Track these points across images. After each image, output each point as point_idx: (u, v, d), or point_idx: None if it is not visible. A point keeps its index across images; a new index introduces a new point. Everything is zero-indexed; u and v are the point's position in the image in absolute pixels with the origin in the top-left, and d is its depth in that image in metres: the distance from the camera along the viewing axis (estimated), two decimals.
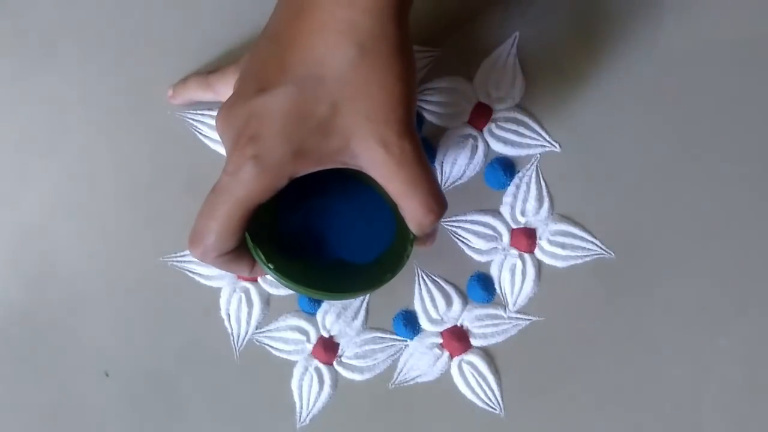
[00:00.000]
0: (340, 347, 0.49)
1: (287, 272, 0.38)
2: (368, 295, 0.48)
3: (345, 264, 0.40)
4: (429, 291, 0.49)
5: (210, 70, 0.46)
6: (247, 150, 0.35)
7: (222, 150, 0.49)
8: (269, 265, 0.37)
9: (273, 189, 0.35)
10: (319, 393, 0.48)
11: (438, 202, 0.37)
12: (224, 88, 0.44)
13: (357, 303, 0.49)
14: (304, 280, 0.38)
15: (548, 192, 0.49)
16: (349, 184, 0.40)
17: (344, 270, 0.40)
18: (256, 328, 0.49)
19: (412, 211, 0.37)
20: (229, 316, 0.48)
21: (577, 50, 0.49)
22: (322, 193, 0.40)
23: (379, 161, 0.35)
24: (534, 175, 0.49)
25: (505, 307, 0.49)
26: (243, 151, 0.35)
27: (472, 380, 0.48)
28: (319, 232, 0.40)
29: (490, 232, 0.49)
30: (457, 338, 0.48)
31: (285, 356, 0.48)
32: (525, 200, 0.49)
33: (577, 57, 0.49)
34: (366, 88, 0.35)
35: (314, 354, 0.48)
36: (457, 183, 0.49)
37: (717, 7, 0.49)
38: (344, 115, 0.35)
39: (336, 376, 0.49)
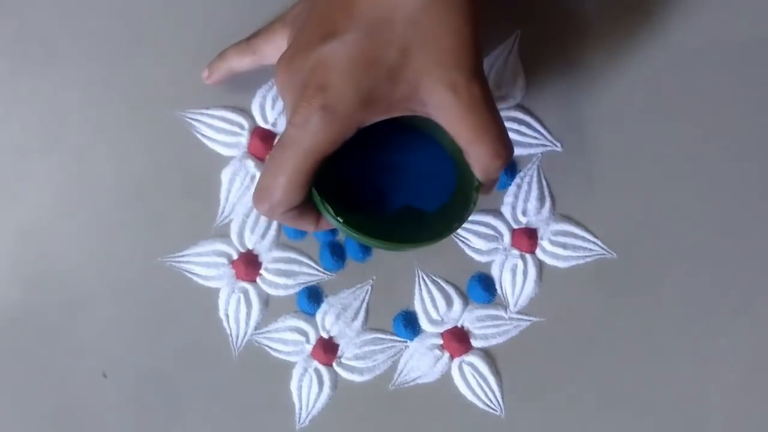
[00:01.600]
0: (340, 348, 0.48)
1: (357, 225, 0.37)
2: (367, 296, 0.48)
3: (410, 215, 0.39)
4: (429, 291, 0.48)
5: (249, 39, 0.45)
6: (315, 100, 0.34)
7: (221, 149, 0.48)
8: (338, 218, 0.37)
9: (342, 139, 0.35)
10: (318, 394, 0.48)
11: (506, 146, 0.36)
12: (270, 49, 0.43)
13: (357, 303, 0.48)
14: (374, 232, 0.38)
15: (550, 192, 0.49)
16: (408, 135, 0.39)
17: (410, 221, 0.39)
18: (255, 329, 0.48)
19: (480, 156, 0.36)
20: (227, 316, 0.48)
21: (579, 49, 0.49)
22: (382, 144, 0.39)
23: (448, 106, 0.35)
24: (535, 175, 0.49)
25: (505, 307, 0.49)
26: (311, 101, 0.34)
27: (473, 381, 0.48)
28: (381, 184, 0.40)
29: (491, 232, 0.49)
30: (458, 339, 0.48)
31: (284, 357, 0.48)
32: (526, 200, 0.49)
33: (579, 56, 0.49)
34: (436, 32, 0.34)
35: (314, 355, 0.48)
36: None
37: (719, 7, 0.49)
38: (414, 59, 0.34)
39: (336, 377, 0.48)
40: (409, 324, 0.48)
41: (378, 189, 0.40)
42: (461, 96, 0.34)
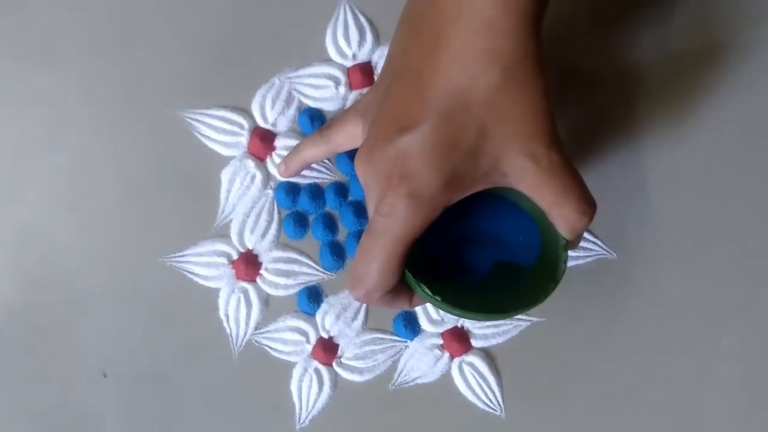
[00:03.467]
0: (340, 348, 0.48)
1: (455, 301, 0.38)
2: None
3: (500, 281, 0.40)
4: None
5: (321, 129, 0.46)
6: (401, 189, 0.35)
7: (221, 149, 0.48)
8: (436, 297, 0.37)
9: (429, 222, 0.36)
10: (318, 394, 0.48)
11: (590, 204, 0.37)
12: (343, 138, 0.44)
13: (356, 304, 0.48)
14: (472, 305, 0.38)
15: None
16: (488, 201, 0.39)
17: (503, 288, 0.39)
18: (255, 329, 0.48)
19: (566, 217, 0.37)
20: (228, 316, 0.48)
21: (577, 50, 0.49)
22: (463, 213, 0.39)
23: (529, 175, 0.36)
24: None
25: None
26: (396, 190, 0.35)
27: (473, 381, 0.48)
28: (467, 252, 0.40)
29: None
30: (458, 339, 0.48)
31: (284, 357, 0.48)
32: None
33: (577, 57, 0.49)
34: (511, 108, 0.35)
35: (314, 355, 0.48)
36: None
37: (720, 8, 0.49)
38: (492, 137, 0.35)
39: (336, 377, 0.48)
40: (409, 324, 0.48)
41: (467, 255, 0.40)
42: (541, 164, 0.35)
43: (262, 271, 0.48)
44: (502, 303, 0.38)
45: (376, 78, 0.49)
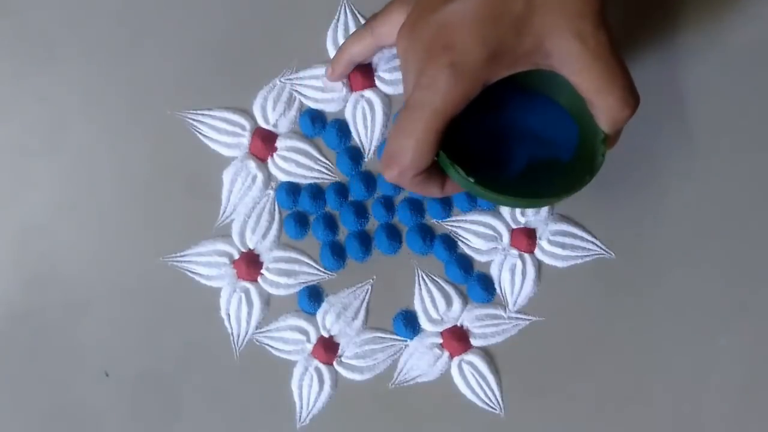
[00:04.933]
0: (340, 347, 0.49)
1: (488, 184, 0.37)
2: (367, 295, 0.49)
3: (535, 176, 0.39)
4: (429, 291, 0.49)
5: (365, 23, 0.44)
6: (442, 59, 0.34)
7: (223, 150, 0.49)
8: (470, 178, 0.36)
9: (469, 97, 0.34)
10: (319, 393, 0.48)
11: (634, 95, 0.36)
12: (389, 29, 0.42)
13: (357, 303, 0.49)
14: (506, 189, 0.37)
15: None
16: (525, 96, 0.38)
17: (538, 176, 0.38)
18: (256, 328, 0.49)
19: (608, 106, 0.36)
20: (229, 315, 0.48)
21: None
22: (499, 107, 0.38)
23: (574, 55, 0.34)
24: None
25: (505, 307, 0.49)
26: (437, 60, 0.34)
27: (472, 380, 0.48)
28: (503, 146, 0.39)
29: (490, 232, 0.49)
30: (457, 338, 0.48)
31: (285, 356, 0.49)
32: None
33: None
34: None
35: (314, 354, 0.48)
36: None
37: (722, 10, 0.49)
38: (539, 10, 0.34)
39: (336, 376, 0.49)
40: (408, 323, 0.48)
41: (501, 151, 0.39)
42: (588, 44, 0.34)
43: (263, 271, 0.49)
44: (538, 190, 0.37)
45: (376, 79, 0.49)
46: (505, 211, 0.49)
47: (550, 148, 0.39)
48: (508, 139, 0.39)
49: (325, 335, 0.49)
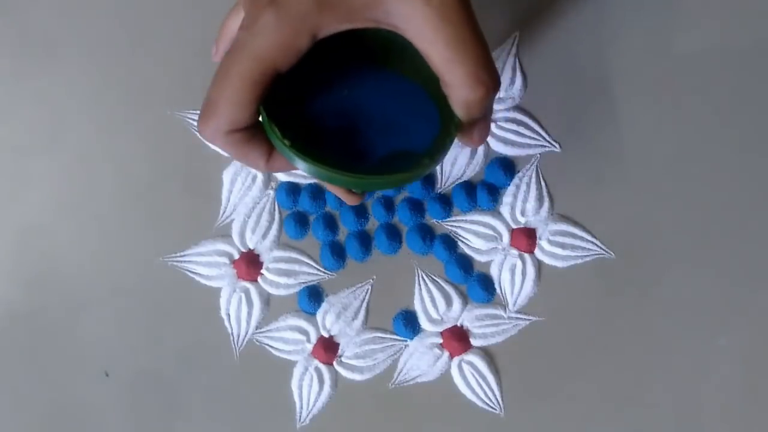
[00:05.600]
0: (340, 347, 0.49)
1: (308, 151, 0.32)
2: (367, 295, 0.48)
3: (390, 162, 0.34)
4: (429, 291, 0.49)
5: None
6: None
7: (222, 151, 0.48)
8: (285, 141, 0.32)
9: (293, 47, 0.31)
10: (319, 393, 0.48)
11: (489, 71, 0.31)
12: None
13: (357, 303, 0.49)
14: (323, 159, 0.32)
15: (548, 192, 0.49)
16: (385, 75, 0.35)
17: (377, 158, 0.34)
18: (256, 328, 0.49)
19: (458, 81, 0.31)
20: (229, 316, 0.48)
21: (578, 50, 0.49)
22: (353, 83, 0.35)
23: (417, 16, 0.30)
24: (534, 175, 0.49)
25: (505, 307, 0.49)
26: (261, 1, 0.31)
27: (472, 380, 0.48)
28: (357, 132, 0.35)
29: (490, 232, 0.49)
30: (457, 338, 0.48)
31: (285, 356, 0.49)
32: (525, 200, 0.49)
33: (577, 56, 0.49)
34: None
35: (314, 354, 0.48)
36: (457, 183, 0.49)
37: (720, 12, 0.50)
38: None
39: (336, 376, 0.49)
40: (408, 323, 0.48)
41: (356, 139, 0.35)
42: (433, 4, 0.30)
43: (263, 271, 0.49)
44: (370, 167, 0.33)
45: None
46: (505, 211, 0.49)
47: (407, 139, 0.34)
48: (364, 126, 0.35)
49: (325, 335, 0.49)
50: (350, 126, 0.35)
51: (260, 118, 0.33)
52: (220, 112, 0.32)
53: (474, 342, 0.49)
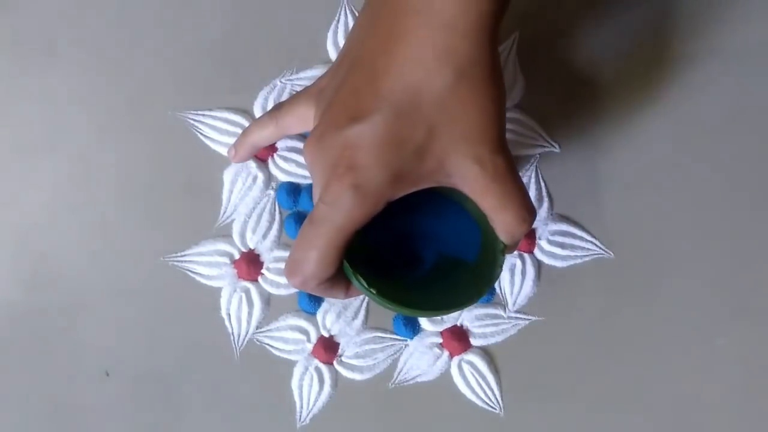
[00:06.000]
0: (341, 347, 0.49)
1: (389, 294, 0.38)
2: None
3: (441, 278, 0.40)
4: None
5: (270, 110, 0.46)
6: (346, 179, 0.35)
7: (223, 150, 0.49)
8: (371, 290, 0.37)
9: (371, 215, 0.36)
10: (319, 392, 0.48)
11: (530, 211, 0.38)
12: (293, 121, 0.44)
13: (357, 302, 0.49)
14: (405, 300, 0.38)
15: (548, 192, 0.49)
16: (434, 200, 0.39)
17: (442, 285, 0.40)
18: (257, 328, 0.49)
19: (506, 222, 0.37)
20: (229, 315, 0.49)
21: (577, 50, 0.49)
22: (408, 209, 0.39)
23: (473, 178, 0.36)
24: (533, 175, 0.49)
25: (504, 306, 0.49)
26: (342, 180, 0.35)
27: (472, 380, 0.49)
28: (409, 248, 0.40)
29: None
30: (457, 338, 0.48)
31: (285, 356, 0.49)
32: None
33: (577, 57, 0.49)
34: (462, 111, 0.35)
35: (314, 353, 0.49)
36: None
37: (721, 10, 0.50)
38: (440, 137, 0.35)
39: (336, 376, 0.49)
40: (408, 323, 0.49)
41: (409, 251, 0.40)
42: (486, 168, 0.36)
43: (263, 271, 0.49)
44: (438, 300, 0.39)
45: None
46: None
47: (455, 249, 0.40)
48: (416, 240, 0.40)
49: (325, 335, 0.49)
50: (406, 242, 0.40)
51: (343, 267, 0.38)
52: (310, 272, 0.37)
53: (474, 342, 0.49)
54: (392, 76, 0.35)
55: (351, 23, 0.49)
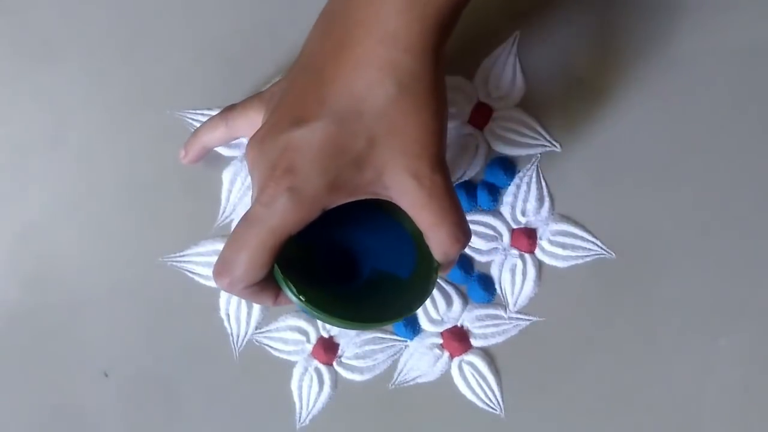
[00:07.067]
0: (340, 347, 0.49)
1: (318, 303, 0.38)
2: None
3: (375, 291, 0.40)
4: None
5: (222, 111, 0.46)
6: (283, 181, 0.35)
7: (223, 150, 0.49)
8: (300, 297, 0.37)
9: (306, 220, 0.36)
10: (319, 393, 0.48)
11: (464, 232, 0.38)
12: (243, 123, 0.44)
13: None
14: (334, 310, 0.38)
15: (549, 192, 0.49)
16: (369, 213, 0.40)
17: (375, 298, 0.40)
18: (256, 329, 0.49)
19: (440, 240, 0.37)
20: (228, 316, 0.48)
21: (578, 49, 0.49)
22: (343, 222, 0.40)
23: (410, 193, 0.36)
24: (534, 175, 0.49)
25: (505, 307, 0.49)
26: (278, 182, 0.35)
27: (473, 380, 0.48)
28: (345, 257, 0.40)
29: (491, 232, 0.49)
30: (458, 338, 0.48)
31: (285, 356, 0.49)
32: (525, 200, 0.49)
33: (578, 56, 0.49)
34: (403, 124, 0.35)
35: (314, 354, 0.48)
36: (457, 183, 0.49)
37: (720, 11, 0.49)
38: (380, 148, 0.35)
39: (336, 377, 0.49)
40: (409, 323, 0.48)
41: (341, 265, 0.40)
42: (424, 184, 0.36)
43: None
44: (367, 313, 0.39)
45: None
46: (505, 211, 0.49)
47: (390, 264, 0.40)
48: (351, 252, 0.41)
49: (325, 335, 0.49)
50: (340, 253, 0.40)
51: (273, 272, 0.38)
52: (238, 273, 0.37)
53: (474, 342, 0.49)
54: (338, 84, 0.36)
55: None
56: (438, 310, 0.48)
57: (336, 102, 0.35)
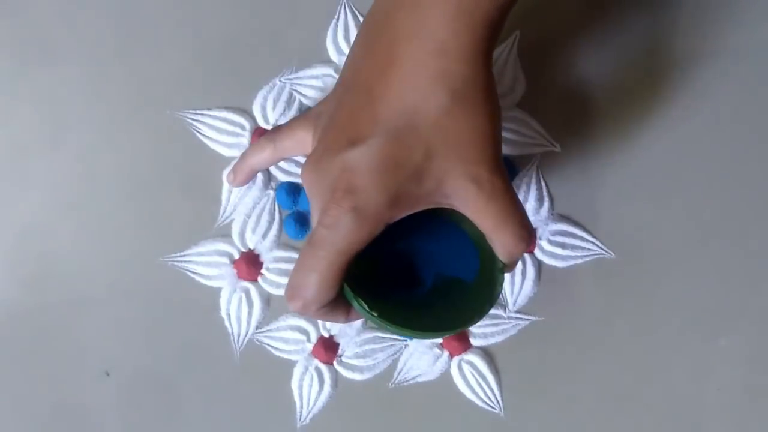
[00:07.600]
0: (341, 347, 0.49)
1: (391, 317, 0.38)
2: None
3: (441, 297, 0.40)
4: None
5: (268, 133, 0.46)
6: (345, 203, 0.35)
7: (223, 150, 0.49)
8: (373, 313, 0.38)
9: (371, 237, 0.36)
10: (319, 393, 0.48)
11: (528, 230, 0.38)
12: (291, 144, 0.44)
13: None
14: (406, 322, 0.38)
15: (548, 192, 0.49)
16: (430, 221, 0.40)
17: (443, 304, 0.40)
18: (257, 328, 0.49)
19: (504, 242, 0.38)
20: (229, 315, 0.49)
21: (578, 50, 0.49)
22: (403, 231, 0.39)
23: (472, 198, 0.36)
24: (534, 175, 0.49)
25: (504, 306, 0.49)
26: (340, 203, 0.35)
27: (472, 380, 0.48)
28: (410, 266, 0.40)
29: None
30: (457, 338, 0.48)
31: (285, 356, 0.49)
32: (525, 200, 0.49)
33: (577, 57, 0.49)
34: (458, 132, 0.35)
35: (314, 354, 0.48)
36: None
37: (721, 10, 0.50)
38: (438, 159, 0.35)
39: (336, 376, 0.49)
40: None
41: (405, 275, 0.40)
42: (484, 188, 0.36)
43: (263, 271, 0.49)
44: (440, 321, 0.39)
45: None
46: None
47: (454, 270, 0.40)
48: (414, 261, 0.41)
49: (325, 335, 0.49)
50: (405, 262, 0.40)
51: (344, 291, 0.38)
52: (310, 296, 0.37)
53: (474, 342, 0.49)
54: (388, 100, 0.35)
55: (351, 22, 0.49)
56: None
57: (389, 118, 0.35)
